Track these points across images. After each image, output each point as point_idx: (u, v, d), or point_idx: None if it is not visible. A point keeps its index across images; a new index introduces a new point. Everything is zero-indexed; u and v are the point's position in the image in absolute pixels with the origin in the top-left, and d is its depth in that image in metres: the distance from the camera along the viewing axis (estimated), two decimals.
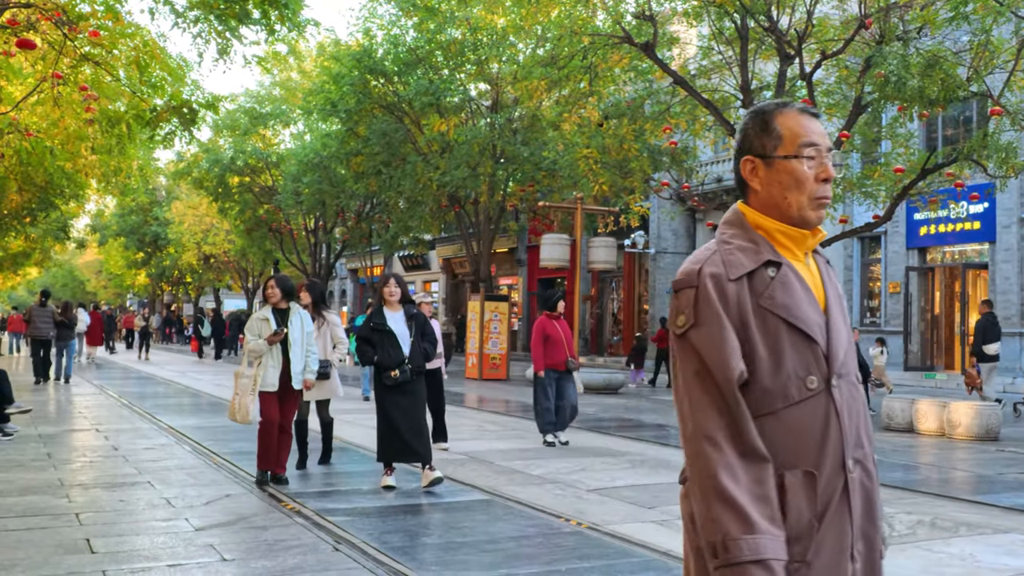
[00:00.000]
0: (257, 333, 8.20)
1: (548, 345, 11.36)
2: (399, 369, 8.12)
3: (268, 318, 8.26)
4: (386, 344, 8.20)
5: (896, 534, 6.82)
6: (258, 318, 8.29)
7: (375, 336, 8.27)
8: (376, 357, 8.17)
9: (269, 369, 8.21)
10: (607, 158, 19.33)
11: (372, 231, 36.07)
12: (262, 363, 8.19)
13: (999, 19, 13.60)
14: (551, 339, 11.39)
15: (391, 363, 8.14)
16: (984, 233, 22.44)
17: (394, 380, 8.08)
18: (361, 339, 8.32)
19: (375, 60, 26.12)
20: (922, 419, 13.41)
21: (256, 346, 8.14)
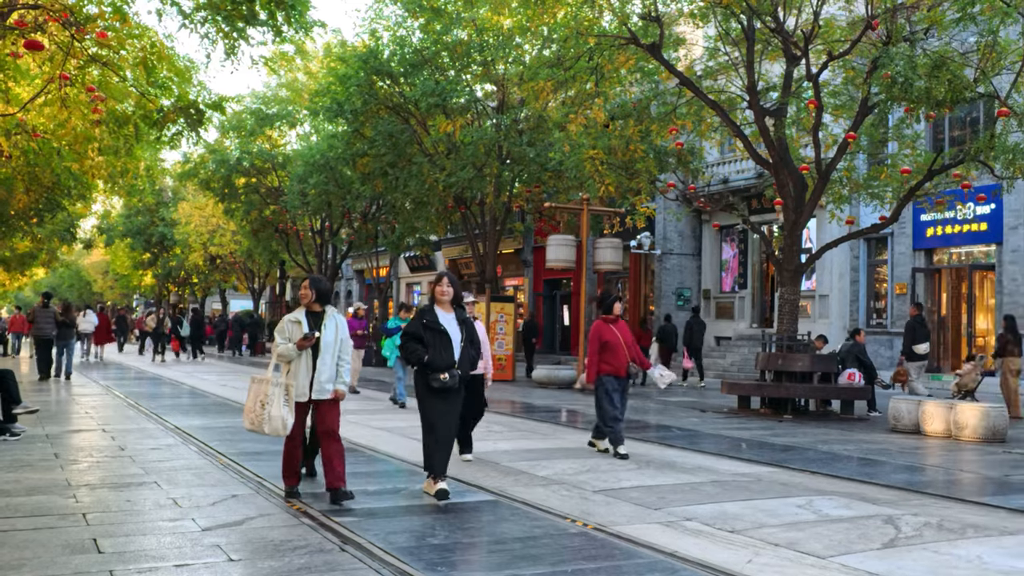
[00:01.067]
0: (287, 336, 7.57)
1: (606, 351, 10.60)
2: (449, 373, 7.66)
3: (300, 320, 7.63)
4: (438, 344, 7.74)
5: (903, 536, 6.81)
6: (290, 320, 7.66)
7: (427, 335, 7.75)
8: (427, 357, 7.66)
9: (300, 377, 7.55)
10: (613, 159, 19.33)
11: (378, 232, 36.07)
12: (291, 370, 7.55)
13: (1006, 20, 13.56)
14: (608, 344, 10.60)
15: (442, 365, 7.67)
16: (991, 234, 22.38)
17: (442, 383, 7.63)
18: (409, 336, 7.80)
19: (381, 61, 26.13)
20: (928, 421, 13.39)
21: (285, 350, 7.50)
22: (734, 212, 22.95)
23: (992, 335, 22.45)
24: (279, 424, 7.33)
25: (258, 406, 7.41)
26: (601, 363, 10.60)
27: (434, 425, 7.77)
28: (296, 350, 7.51)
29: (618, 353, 10.57)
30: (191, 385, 21.33)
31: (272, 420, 7.32)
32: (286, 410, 7.35)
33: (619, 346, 10.59)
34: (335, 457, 7.64)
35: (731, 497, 8.24)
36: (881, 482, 9.22)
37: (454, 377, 7.67)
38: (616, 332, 10.66)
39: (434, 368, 7.64)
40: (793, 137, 18.04)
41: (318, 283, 7.88)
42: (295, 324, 7.62)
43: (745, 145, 17.59)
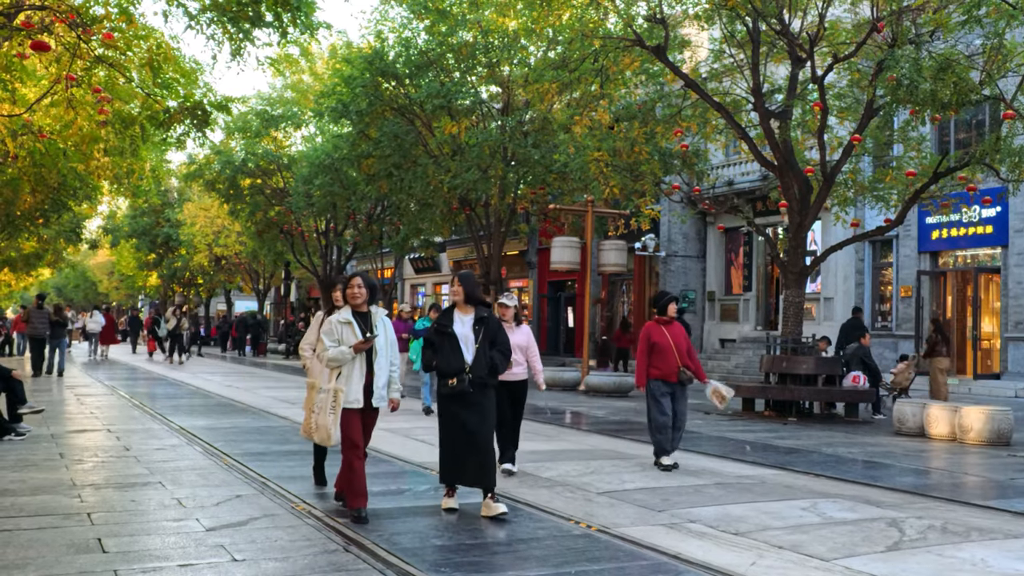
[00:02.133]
0: (337, 339, 6.99)
1: (655, 354, 10.02)
2: (457, 377, 7.30)
3: (351, 321, 7.03)
4: (447, 348, 7.42)
5: (907, 539, 6.80)
6: (338, 321, 7.04)
7: (437, 339, 7.49)
8: (436, 362, 7.43)
9: (353, 382, 6.98)
10: (618, 161, 19.33)
11: (383, 233, 36.11)
12: (342, 374, 6.97)
13: (1012, 22, 13.53)
14: (658, 347, 10.02)
15: (449, 370, 7.34)
16: (996, 237, 22.35)
17: (450, 389, 7.32)
18: (425, 342, 7.62)
19: (387, 63, 26.16)
20: (933, 424, 13.37)
21: (339, 355, 6.91)
22: (739, 214, 22.95)
23: (997, 338, 22.42)
24: (325, 433, 6.90)
25: (308, 414, 7.25)
26: (649, 367, 10.07)
27: (448, 434, 7.42)
28: (351, 354, 6.95)
29: (667, 357, 9.98)
30: (196, 386, 21.36)
31: (320, 429, 6.94)
32: (332, 418, 6.88)
33: (669, 349, 9.99)
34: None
35: (735, 499, 8.24)
36: (885, 485, 9.21)
37: (463, 381, 7.27)
38: (667, 335, 10.09)
39: (442, 374, 7.38)
40: (798, 139, 18.03)
41: (370, 281, 7.32)
42: (346, 326, 7.02)
43: (750, 147, 17.57)
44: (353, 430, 6.96)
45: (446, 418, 7.42)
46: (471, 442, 7.29)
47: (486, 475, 7.26)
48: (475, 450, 7.28)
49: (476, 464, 7.26)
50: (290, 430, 12.96)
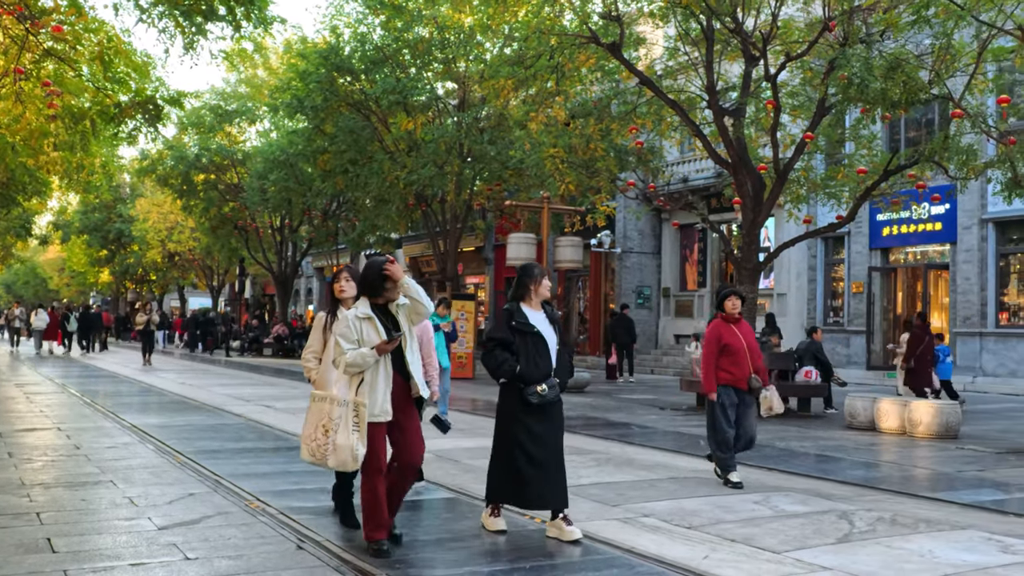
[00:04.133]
0: (356, 339, 5.80)
1: (726, 356, 8.80)
2: (547, 383, 6.44)
3: (372, 316, 5.87)
4: (532, 351, 6.47)
5: (857, 531, 6.91)
6: (357, 317, 5.86)
7: (518, 340, 6.48)
8: (520, 367, 6.41)
9: (378, 391, 5.82)
10: (573, 157, 19.39)
11: (338, 229, 35.95)
12: (365, 382, 5.80)
13: (960, 23, 13.75)
14: (730, 348, 8.80)
15: (539, 375, 6.43)
16: (945, 234, 22.73)
17: (541, 398, 6.39)
18: (497, 343, 6.49)
19: (342, 58, 26.04)
20: (884, 418, 13.58)
21: (359, 358, 5.72)
22: (693, 211, 23.11)
23: (947, 333, 22.79)
24: (347, 455, 5.66)
25: (319, 432, 5.79)
26: (719, 371, 8.81)
27: (524, 450, 6.45)
28: (374, 356, 5.79)
29: (740, 361, 8.77)
30: (149, 383, 21.13)
31: (339, 450, 5.68)
32: (356, 437, 5.68)
33: (742, 352, 8.80)
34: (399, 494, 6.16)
35: (689, 493, 8.31)
36: (837, 478, 9.34)
37: (554, 388, 6.47)
38: (739, 335, 8.89)
39: (529, 380, 6.41)
40: (752, 137, 18.19)
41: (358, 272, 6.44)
42: (367, 322, 5.86)
43: (704, 144, 17.71)
44: (379, 448, 5.86)
45: (519, 432, 6.46)
46: (552, 458, 6.52)
47: (563, 493, 6.57)
48: (556, 467, 6.54)
49: (555, 482, 6.51)
50: (244, 427, 12.88)
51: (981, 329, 21.82)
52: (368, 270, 5.96)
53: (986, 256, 21.85)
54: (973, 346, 21.88)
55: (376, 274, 5.91)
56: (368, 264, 5.99)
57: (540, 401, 6.40)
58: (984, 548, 6.44)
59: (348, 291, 6.66)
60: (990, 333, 21.70)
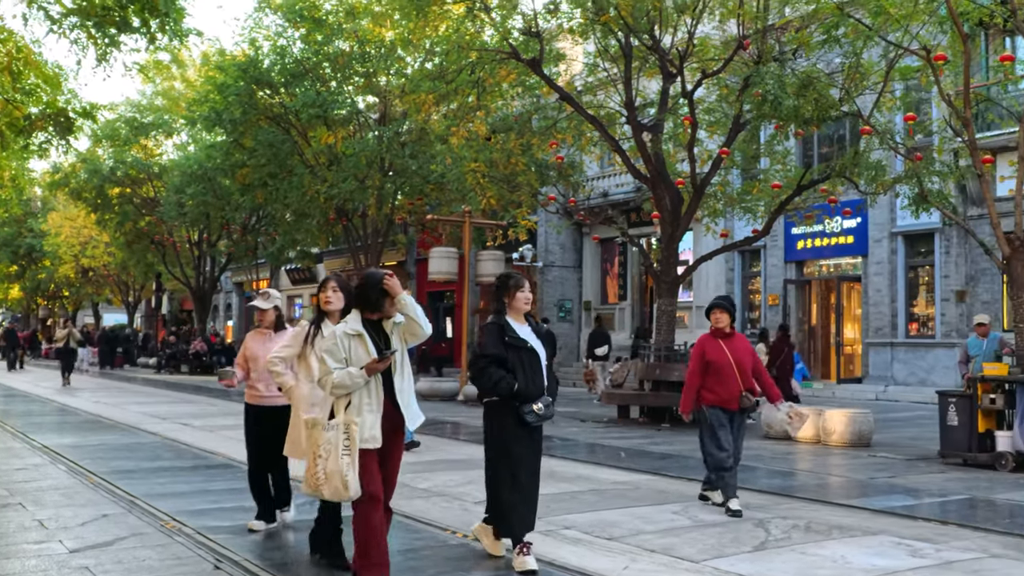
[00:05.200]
0: (344, 358, 5.32)
1: (711, 375, 8.16)
2: (542, 401, 6.04)
3: (362, 332, 5.38)
4: (527, 366, 6.05)
5: (773, 538, 7.05)
6: (346, 333, 5.37)
7: (511, 355, 6.05)
8: (518, 385, 5.98)
9: (367, 414, 5.33)
10: (495, 172, 19.47)
11: (258, 244, 35.51)
12: (352, 405, 5.31)
13: (868, 43, 14.18)
14: (714, 366, 8.14)
15: (535, 393, 6.03)
16: (857, 247, 23.33)
17: (538, 417, 6.00)
18: (491, 359, 6.06)
19: (261, 71, 25.79)
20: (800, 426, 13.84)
21: (347, 379, 5.25)
22: (613, 225, 23.36)
23: (859, 344, 23.38)
24: (338, 483, 5.17)
25: (311, 460, 5.35)
26: (704, 390, 8.20)
27: (516, 473, 6.07)
28: (364, 378, 5.30)
29: (727, 379, 8.10)
30: (62, 402, 20.60)
31: (330, 478, 5.19)
32: (346, 461, 5.17)
33: (729, 369, 8.12)
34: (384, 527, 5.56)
35: (609, 505, 8.39)
36: (753, 487, 9.51)
37: (549, 406, 6.07)
38: (726, 351, 8.19)
39: (526, 398, 5.99)
40: (670, 152, 18.47)
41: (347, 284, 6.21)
42: (356, 339, 5.36)
43: (623, 160, 17.94)
44: (372, 475, 5.33)
45: (516, 455, 6.07)
46: (532, 489, 6.16)
47: (533, 523, 6.23)
48: (532, 497, 6.16)
49: (531, 512, 6.15)
50: (161, 446, 12.63)
51: (892, 339, 22.41)
52: (367, 283, 5.47)
53: (896, 268, 22.48)
54: (885, 356, 22.47)
55: (376, 288, 5.42)
56: (367, 276, 5.53)
57: (536, 421, 6.01)
58: (894, 553, 6.62)
59: (335, 303, 6.30)
60: (900, 343, 22.30)
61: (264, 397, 7.17)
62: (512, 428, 6.04)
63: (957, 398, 11.46)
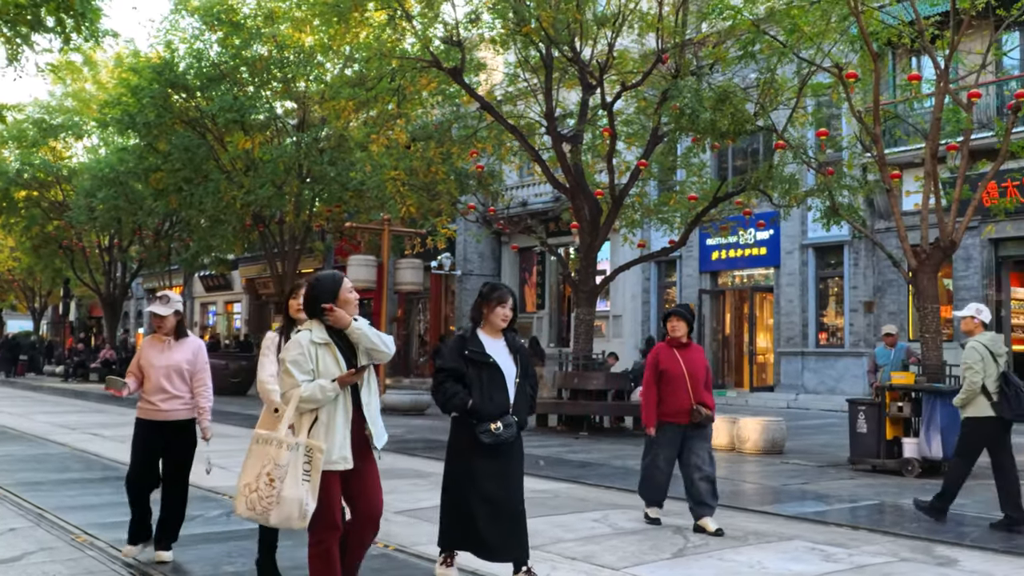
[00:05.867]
0: (311, 368, 4.79)
1: (663, 385, 7.81)
2: (502, 421, 5.69)
3: (330, 342, 4.87)
4: (487, 383, 5.74)
5: (691, 545, 7.16)
6: (313, 342, 4.85)
7: (471, 371, 5.76)
8: (472, 402, 5.70)
9: (337, 432, 4.79)
10: (415, 180, 19.44)
11: (171, 250, 34.83)
12: (319, 421, 4.77)
13: (783, 59, 14.54)
14: (667, 375, 7.80)
15: (494, 411, 5.69)
16: (770, 258, 23.83)
17: (495, 437, 5.64)
18: (447, 373, 5.79)
19: (177, 74, 25.32)
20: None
21: (317, 392, 4.72)
22: (532, 234, 23.50)
23: (771, 353, 23.86)
24: (294, 509, 4.60)
25: (262, 481, 4.68)
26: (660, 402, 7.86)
27: (470, 493, 5.75)
28: (335, 390, 4.78)
29: (678, 390, 7.73)
30: None
31: (284, 504, 4.60)
32: (306, 488, 4.63)
33: (680, 380, 7.74)
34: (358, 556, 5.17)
35: (530, 514, 8.33)
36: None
37: (510, 427, 5.71)
38: (680, 361, 7.81)
39: (483, 416, 5.69)
40: (589, 163, 18.66)
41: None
42: (324, 348, 4.85)
43: (543, 170, 18.06)
44: (334, 502, 4.81)
45: (470, 473, 5.76)
46: (505, 504, 5.78)
47: (521, 545, 5.83)
48: (508, 515, 5.79)
49: (508, 532, 5.79)
50: (70, 457, 12.31)
51: (803, 349, 22.93)
52: (317, 290, 4.93)
53: (807, 279, 23.02)
54: (796, 365, 22.98)
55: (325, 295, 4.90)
56: (317, 280, 4.99)
57: (493, 441, 5.65)
58: (808, 557, 6.78)
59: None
60: (811, 352, 22.84)
61: (161, 411, 6.48)
62: (469, 445, 5.74)
63: (866, 406, 11.78)
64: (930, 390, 11.40)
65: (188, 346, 6.61)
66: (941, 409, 11.15)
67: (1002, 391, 8.22)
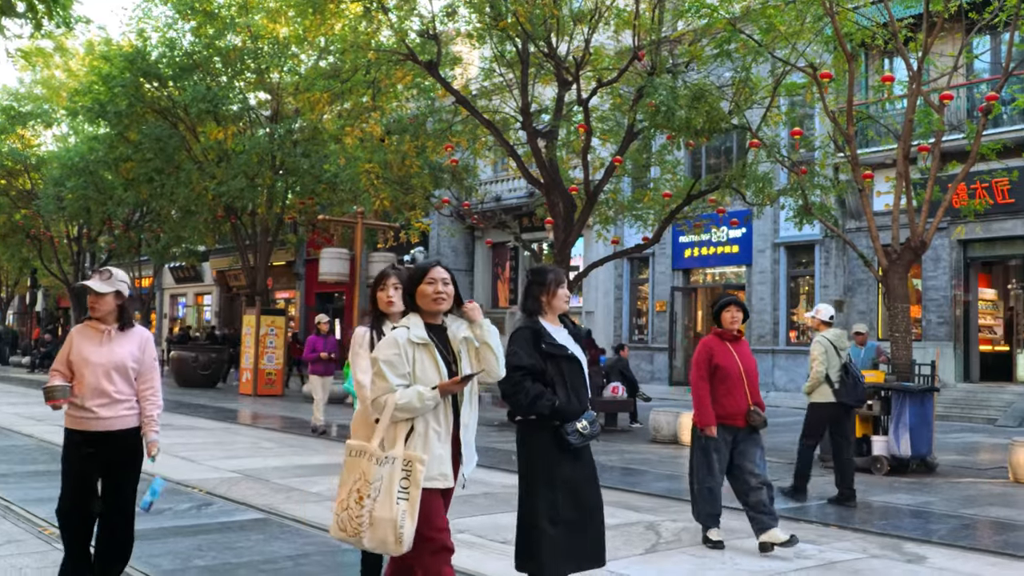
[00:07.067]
0: (407, 372, 4.12)
1: (717, 383, 6.96)
2: (587, 419, 4.99)
3: (429, 342, 4.19)
4: (569, 379, 5.01)
5: (664, 541, 7.18)
6: (411, 341, 4.16)
7: (550, 365, 5.00)
8: (558, 402, 4.91)
9: (435, 445, 4.15)
10: (389, 174, 19.36)
11: (141, 240, 34.52)
12: (416, 432, 4.11)
13: (758, 59, 14.60)
14: (722, 372, 6.96)
15: (579, 409, 4.98)
16: (742, 256, 23.95)
17: (582, 438, 4.95)
18: (527, 372, 4.96)
19: (149, 63, 25.09)
20: (686, 431, 14.14)
21: (415, 400, 4.04)
22: (506, 229, 23.48)
23: None
24: (388, 531, 3.94)
25: (352, 499, 4.07)
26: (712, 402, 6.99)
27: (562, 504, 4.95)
28: (435, 399, 4.11)
29: (734, 390, 6.92)
30: None
31: (377, 524, 3.96)
32: (403, 507, 3.96)
33: (737, 379, 6.95)
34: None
35: (502, 509, 8.41)
36: (643, 491, 9.67)
37: (595, 423, 5.05)
38: (736, 357, 7.04)
39: (569, 416, 4.94)
40: (563, 159, 18.65)
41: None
42: (423, 349, 4.17)
43: (518, 165, 18.04)
44: (440, 521, 4.19)
45: (564, 483, 4.94)
46: (593, 511, 5.07)
47: (603, 548, 5.16)
48: (595, 520, 5.09)
49: (596, 538, 5.10)
50: (36, 449, 12.17)
51: (773, 347, 23.07)
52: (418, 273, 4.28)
53: (778, 278, 23.16)
54: (767, 362, 23.11)
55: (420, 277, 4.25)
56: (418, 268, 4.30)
57: (581, 442, 4.95)
58: (780, 554, 6.81)
59: (399, 303, 5.03)
60: (781, 350, 22.98)
61: (100, 420, 5.19)
62: (556, 452, 4.94)
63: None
64: (899, 389, 11.50)
65: (134, 338, 5.29)
66: (910, 408, 11.27)
67: (843, 380, 9.53)
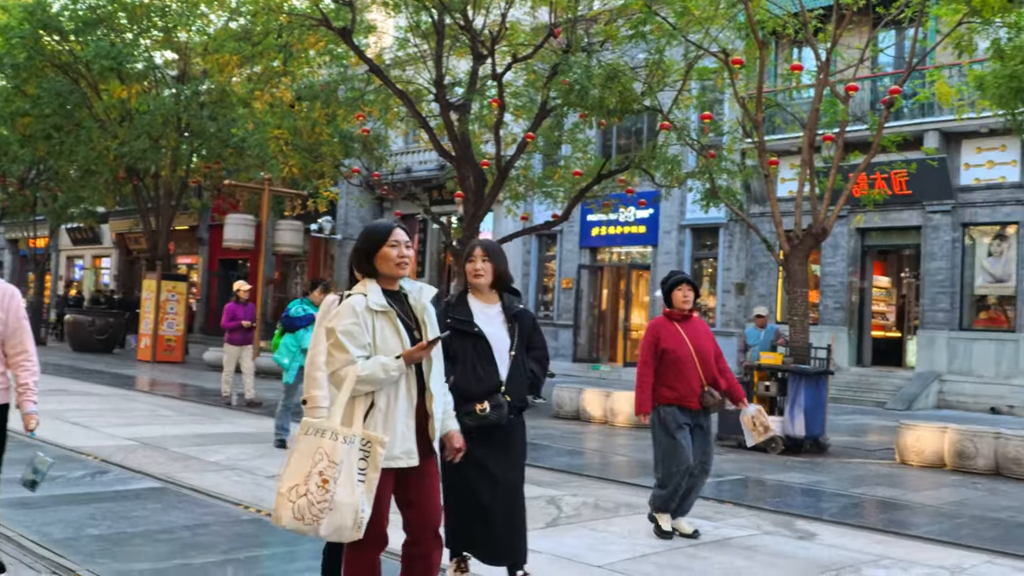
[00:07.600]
0: (367, 342, 3.82)
1: (667, 366, 6.62)
2: (490, 401, 4.80)
3: (388, 308, 3.89)
4: (470, 357, 4.86)
5: (564, 515, 7.27)
6: (369, 308, 3.84)
7: (455, 342, 4.81)
8: (453, 378, 4.70)
9: (399, 421, 3.83)
10: (298, 140, 19.08)
11: (37, 199, 33.37)
12: (376, 408, 3.80)
13: (672, 42, 14.74)
14: (670, 355, 6.63)
15: (479, 390, 4.81)
16: (648, 237, 24.25)
17: (480, 419, 4.76)
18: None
19: (49, 15, 24.16)
20: (588, 407, 14.34)
21: (378, 372, 3.74)
22: (416, 201, 23.34)
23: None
24: (348, 516, 3.59)
25: (314, 483, 3.62)
26: (661, 386, 6.64)
27: (463, 488, 4.87)
28: (399, 369, 3.80)
29: (686, 371, 6.59)
30: None
31: (338, 509, 3.58)
32: (362, 490, 3.64)
33: (688, 360, 6.62)
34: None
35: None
36: (545, 465, 9.77)
37: (499, 407, 4.80)
38: (686, 338, 6.69)
39: (468, 396, 4.77)
40: (476, 133, 18.60)
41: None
42: (382, 316, 3.88)
43: (429, 137, 17.94)
44: (383, 506, 3.82)
45: (464, 465, 4.49)
46: (499, 498, 4.90)
47: (517, 545, 4.99)
48: (502, 511, 4.92)
49: (508, 530, 4.95)
50: None
51: None
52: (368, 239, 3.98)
53: (683, 259, 23.52)
54: None
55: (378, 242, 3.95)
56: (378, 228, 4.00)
57: (477, 423, 4.73)
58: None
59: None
60: None
61: None
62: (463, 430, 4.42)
63: None
64: (796, 371, 11.82)
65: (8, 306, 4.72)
66: (805, 390, 11.60)
67: None
